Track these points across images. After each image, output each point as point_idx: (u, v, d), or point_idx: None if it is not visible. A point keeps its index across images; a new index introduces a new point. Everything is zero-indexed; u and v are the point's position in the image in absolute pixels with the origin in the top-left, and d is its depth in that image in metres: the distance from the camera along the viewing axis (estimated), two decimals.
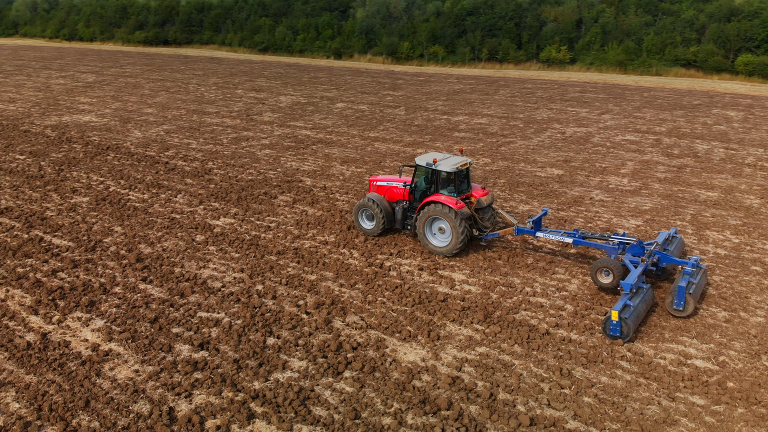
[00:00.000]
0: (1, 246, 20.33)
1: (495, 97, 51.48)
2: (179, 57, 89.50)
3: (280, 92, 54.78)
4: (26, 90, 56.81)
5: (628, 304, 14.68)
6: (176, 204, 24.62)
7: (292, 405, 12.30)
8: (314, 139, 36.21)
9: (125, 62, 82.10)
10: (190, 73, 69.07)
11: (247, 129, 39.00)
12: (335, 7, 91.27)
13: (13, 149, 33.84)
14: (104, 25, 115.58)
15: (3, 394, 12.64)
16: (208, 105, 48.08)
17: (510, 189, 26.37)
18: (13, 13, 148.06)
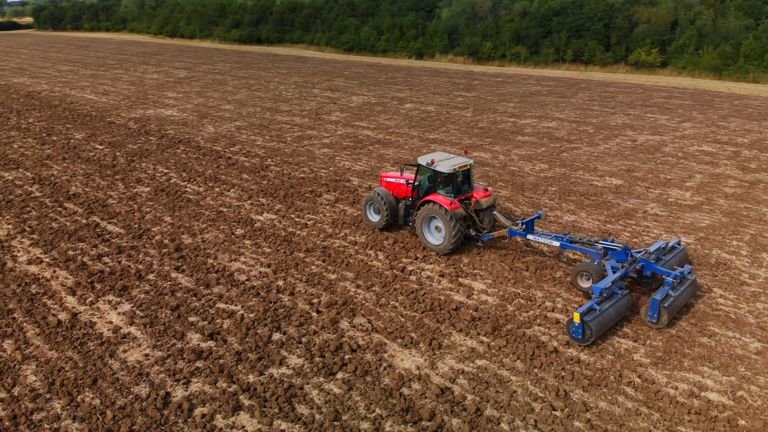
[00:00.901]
0: (61, 230, 22.08)
1: (572, 100, 49.64)
2: (269, 55, 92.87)
3: (354, 92, 55.58)
4: (121, 83, 61.07)
5: (595, 308, 14.59)
6: (227, 198, 25.69)
7: (278, 401, 12.58)
8: (373, 139, 36.52)
9: (218, 59, 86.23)
10: (274, 72, 71.52)
11: (313, 128, 39.92)
12: (421, 7, 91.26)
13: (95, 139, 36.56)
14: (204, 23, 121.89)
15: (25, 366, 13.79)
16: (283, 103, 49.63)
17: (559, 198, 25.41)
18: (122, 9, 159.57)
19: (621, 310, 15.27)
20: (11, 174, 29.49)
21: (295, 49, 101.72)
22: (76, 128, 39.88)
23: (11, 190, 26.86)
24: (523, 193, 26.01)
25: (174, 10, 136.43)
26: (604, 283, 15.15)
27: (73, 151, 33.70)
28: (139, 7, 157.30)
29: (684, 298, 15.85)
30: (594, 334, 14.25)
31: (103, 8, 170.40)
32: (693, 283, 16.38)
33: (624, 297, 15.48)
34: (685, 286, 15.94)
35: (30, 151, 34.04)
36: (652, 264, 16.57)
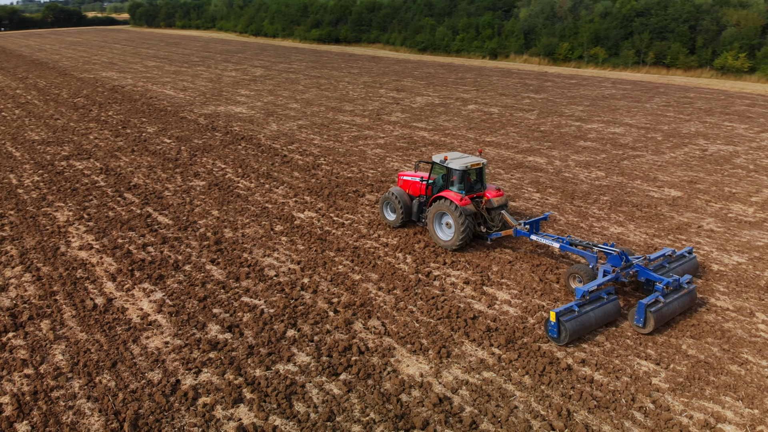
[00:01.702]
0: (115, 218, 23.46)
1: (646, 105, 47.33)
2: (344, 55, 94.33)
3: (420, 92, 55.51)
4: (200, 80, 63.92)
5: (574, 309, 14.65)
6: (274, 194, 26.39)
7: (277, 397, 12.85)
8: (428, 141, 36.36)
9: (295, 58, 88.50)
10: (346, 71, 72.58)
11: (371, 128, 40.25)
12: (499, 7, 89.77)
13: (165, 133, 38.50)
14: (286, 22, 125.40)
15: (56, 345, 14.79)
16: (348, 103, 50.31)
17: (610, 208, 24.34)
18: (212, 8, 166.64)
19: (605, 314, 15.19)
20: (82, 164, 31.59)
21: (370, 49, 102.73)
22: (150, 122, 42.15)
23: (79, 178, 28.79)
24: (572, 202, 25.12)
25: (260, 9, 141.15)
26: (588, 286, 15.24)
27: (143, 144, 35.65)
28: (228, 6, 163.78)
29: (677, 307, 15.54)
30: (569, 335, 14.37)
31: (194, 6, 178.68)
32: (690, 293, 15.96)
33: (610, 302, 15.37)
34: (679, 295, 15.62)
35: (104, 142, 36.32)
36: (647, 270, 16.37)
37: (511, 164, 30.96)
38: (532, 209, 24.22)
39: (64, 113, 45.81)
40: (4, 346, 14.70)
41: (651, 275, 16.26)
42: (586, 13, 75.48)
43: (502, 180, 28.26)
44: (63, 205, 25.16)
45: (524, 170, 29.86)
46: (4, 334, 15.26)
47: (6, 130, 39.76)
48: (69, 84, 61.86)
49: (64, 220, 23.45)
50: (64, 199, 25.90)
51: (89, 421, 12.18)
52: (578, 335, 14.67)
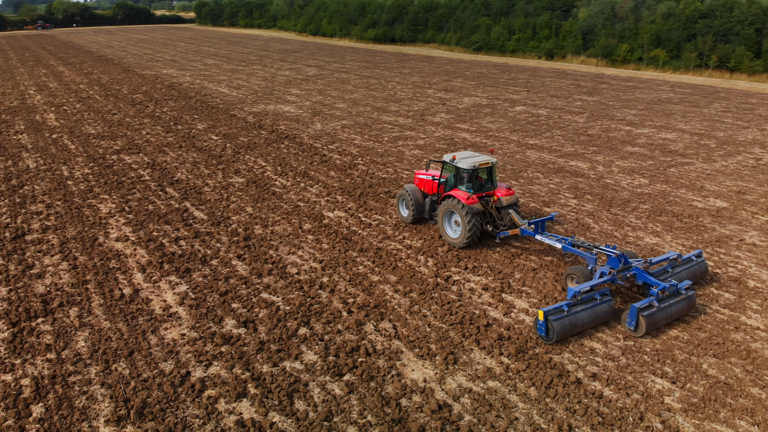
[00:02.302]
0: (154, 212, 24.35)
1: (703, 110, 45.29)
2: (398, 55, 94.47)
3: (468, 93, 54.99)
4: (255, 79, 65.40)
5: (563, 309, 14.73)
6: (308, 193, 26.76)
7: (279, 394, 13.05)
8: (469, 142, 35.99)
9: (349, 58, 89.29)
10: (397, 71, 72.69)
11: (413, 129, 40.18)
12: (558, 6, 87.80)
13: (213, 130, 39.63)
14: (344, 22, 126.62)
15: (80, 332, 15.51)
16: (394, 103, 50.39)
17: (648, 217, 23.45)
18: (273, 7, 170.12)
19: (597, 315, 15.24)
20: (131, 158, 32.91)
21: (425, 49, 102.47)
22: (201, 119, 43.46)
23: (126, 172, 30.03)
24: (609, 209, 24.35)
25: (319, 9, 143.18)
26: (580, 287, 15.26)
27: (191, 141, 36.81)
28: (289, 5, 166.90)
29: (673, 312, 15.43)
30: (557, 335, 14.53)
31: (257, 6, 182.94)
32: (688, 299, 15.79)
33: (604, 303, 15.39)
34: (676, 300, 15.47)
35: (155, 138, 37.72)
36: (644, 273, 16.21)
37: (551, 168, 30.27)
38: (566, 216, 23.63)
39: (122, 108, 47.82)
40: (33, 331, 15.53)
41: (648, 279, 16.08)
42: (648, 14, 72.83)
43: (539, 185, 27.69)
44: (107, 197, 26.31)
45: (564, 175, 29.14)
46: (33, 319, 16.12)
47: (65, 124, 41.87)
48: (130, 80, 64.52)
49: (106, 211, 24.52)
50: (109, 191, 27.07)
51: (99, 407, 12.72)
52: (567, 335, 14.78)
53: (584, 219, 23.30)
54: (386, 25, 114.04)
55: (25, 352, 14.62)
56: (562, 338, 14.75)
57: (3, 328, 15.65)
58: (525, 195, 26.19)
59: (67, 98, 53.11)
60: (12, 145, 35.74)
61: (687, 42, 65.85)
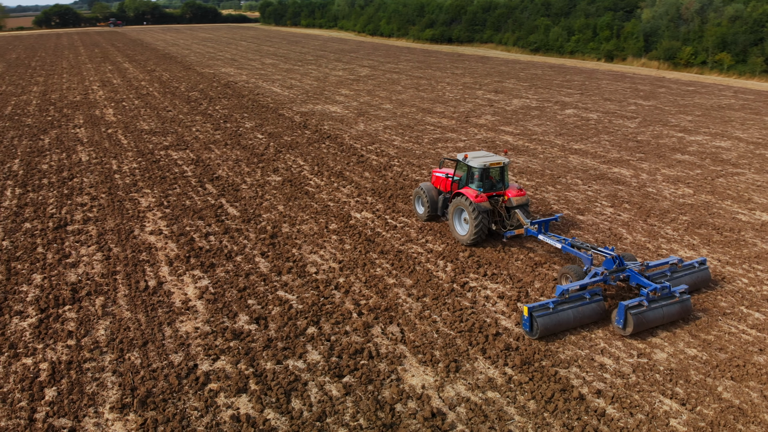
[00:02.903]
0: (190, 207, 25.15)
1: (765, 118, 42.89)
2: (453, 55, 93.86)
3: (519, 95, 54.06)
4: (308, 79, 66.44)
5: (548, 306, 14.98)
6: (339, 193, 27.02)
7: (277, 392, 13.27)
8: (510, 146, 35.41)
9: (403, 58, 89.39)
10: (449, 72, 72.26)
11: (455, 131, 39.87)
12: (621, 7, 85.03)
13: (260, 129, 40.54)
14: (402, 22, 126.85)
15: (102, 321, 16.23)
16: (441, 104, 50.14)
17: (686, 229, 22.45)
18: (335, 7, 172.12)
19: (584, 315, 15.44)
20: (178, 154, 34.10)
21: (481, 49, 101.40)
22: (250, 118, 44.54)
23: (170, 168, 31.14)
24: (646, 220, 23.46)
25: (379, 8, 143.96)
26: (569, 286, 15.51)
27: (236, 139, 37.79)
28: (350, 5, 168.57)
29: (664, 314, 15.42)
30: (541, 331, 14.88)
31: (319, 6, 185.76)
32: (683, 303, 15.74)
33: (593, 303, 15.57)
34: (668, 303, 15.46)
35: (203, 135, 38.93)
36: (638, 275, 16.22)
37: (592, 175, 29.40)
38: (599, 225, 22.93)
39: (177, 105, 49.58)
40: (59, 318, 16.36)
41: (641, 280, 16.07)
42: (714, 16, 69.52)
43: (576, 191, 26.96)
44: (149, 191, 27.36)
45: (605, 182, 28.25)
46: (61, 306, 16.98)
47: (122, 119, 43.78)
48: (189, 78, 66.78)
49: (145, 205, 25.52)
50: (151, 186, 28.15)
51: (108, 394, 13.29)
52: (552, 331, 15.09)
53: (618, 229, 22.54)
54: (444, 25, 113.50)
55: (48, 337, 15.43)
56: (546, 335, 15.07)
57: (32, 314, 16.56)
58: (560, 202, 25.58)
59: (128, 94, 55.50)
60: (69, 139, 37.69)
61: (754, 46, 62.49)
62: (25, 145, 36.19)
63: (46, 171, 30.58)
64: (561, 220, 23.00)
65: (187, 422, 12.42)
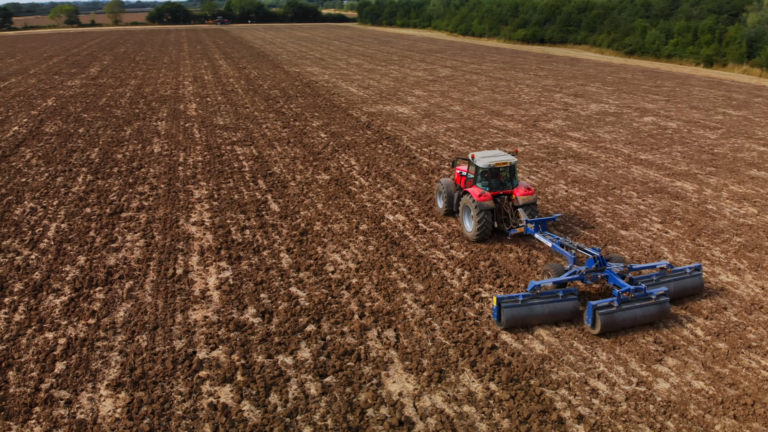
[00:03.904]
0: (237, 201, 26.30)
1: None
2: (542, 56, 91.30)
3: (599, 99, 51.81)
4: (386, 79, 67.09)
5: (518, 299, 15.53)
6: (380, 194, 27.24)
7: (259, 385, 13.72)
8: (572, 153, 34.11)
9: (489, 59, 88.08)
10: (532, 74, 70.44)
11: (518, 135, 38.92)
12: (725, 10, 79.14)
13: (325, 128, 41.50)
14: (494, 21, 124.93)
15: (124, 304, 17.41)
16: (513, 107, 49.06)
17: (737, 252, 20.74)
18: (430, 7, 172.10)
19: (554, 311, 15.78)
20: (242, 149, 35.65)
21: (574, 51, 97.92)
22: (319, 117, 45.67)
23: (231, 162, 32.65)
24: (695, 240, 21.92)
25: (474, 8, 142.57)
26: (542, 282, 16.08)
27: (300, 137, 38.93)
28: (445, 5, 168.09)
29: (637, 315, 15.51)
30: (506, 322, 15.51)
31: (414, 6, 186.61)
32: (659, 306, 15.72)
33: (566, 301, 15.84)
34: (642, 304, 15.53)
35: (271, 132, 40.42)
36: (615, 276, 16.39)
37: (651, 188, 27.77)
38: (641, 241, 21.69)
39: (255, 103, 51.74)
40: (88, 298, 17.74)
41: (617, 281, 16.25)
42: None
43: (627, 204, 25.60)
44: (205, 184, 28.86)
45: (662, 196, 26.62)
46: (94, 287, 18.39)
47: (202, 114, 46.31)
48: (275, 76, 69.38)
49: (197, 197, 26.96)
50: (208, 179, 29.67)
51: (109, 372, 14.30)
52: (519, 324, 15.70)
53: (659, 247, 21.22)
54: (537, 25, 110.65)
55: (74, 315, 16.78)
56: (512, 326, 15.71)
57: (66, 293, 18.06)
58: (605, 215, 24.42)
59: (214, 90, 58.53)
60: (149, 131, 40.40)
61: None
62: (108, 135, 39.21)
63: (119, 160, 33.01)
64: (593, 233, 21.99)
65: (169, 405, 13.13)
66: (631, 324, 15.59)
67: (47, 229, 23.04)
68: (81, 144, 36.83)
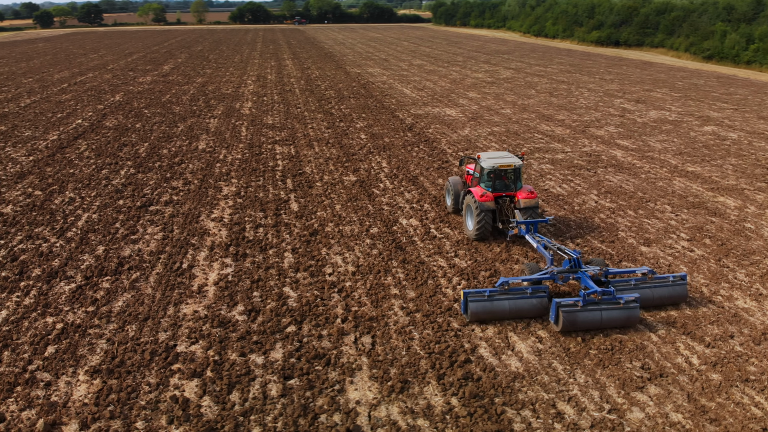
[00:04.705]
0: (261, 199, 26.89)
1: None
2: (613, 59, 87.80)
3: (661, 106, 49.27)
4: (443, 81, 66.56)
5: (485, 294, 16.07)
6: (400, 198, 27.08)
7: (223, 382, 13.98)
8: (616, 161, 32.62)
9: (557, 61, 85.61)
10: (598, 77, 67.89)
11: (564, 141, 37.63)
12: None
13: (368, 129, 41.68)
14: (568, 23, 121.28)
15: (125, 294, 18.20)
16: (566, 111, 47.50)
17: (763, 276, 19.18)
18: (505, 7, 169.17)
19: (521, 308, 16.17)
20: (282, 148, 36.39)
21: (648, 54, 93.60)
22: (366, 118, 45.87)
23: (266, 161, 33.40)
24: (720, 260, 20.47)
25: (549, 9, 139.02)
26: (511, 279, 16.67)
27: (340, 138, 39.27)
28: (521, 5, 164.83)
29: (603, 318, 15.61)
30: (472, 316, 16.08)
31: (490, 6, 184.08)
32: (627, 311, 15.69)
33: (533, 298, 16.19)
34: (609, 307, 15.62)
35: (314, 132, 41.02)
36: (587, 279, 16.54)
37: (689, 202, 26.15)
38: (659, 259, 20.48)
39: (308, 103, 52.65)
40: (94, 286, 18.68)
41: (587, 283, 16.38)
42: None
43: (656, 219, 24.24)
44: (236, 181, 29.69)
45: (698, 212, 25.03)
46: (102, 276, 19.34)
47: (254, 113, 47.63)
48: (335, 77, 70.32)
49: (225, 193, 27.79)
50: (240, 176, 30.49)
51: (92, 358, 15.01)
52: (485, 317, 16.17)
53: (678, 266, 19.95)
54: (612, 27, 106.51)
55: (77, 303, 17.72)
56: (477, 320, 16.19)
57: (77, 280, 19.09)
58: (631, 228, 23.22)
59: (272, 90, 60.05)
60: (199, 128, 41.98)
61: None
62: (161, 130, 41.07)
63: (163, 155, 34.51)
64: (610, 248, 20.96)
65: (135, 395, 13.63)
66: (596, 326, 15.72)
67: (78, 219, 24.42)
68: (134, 138, 38.77)
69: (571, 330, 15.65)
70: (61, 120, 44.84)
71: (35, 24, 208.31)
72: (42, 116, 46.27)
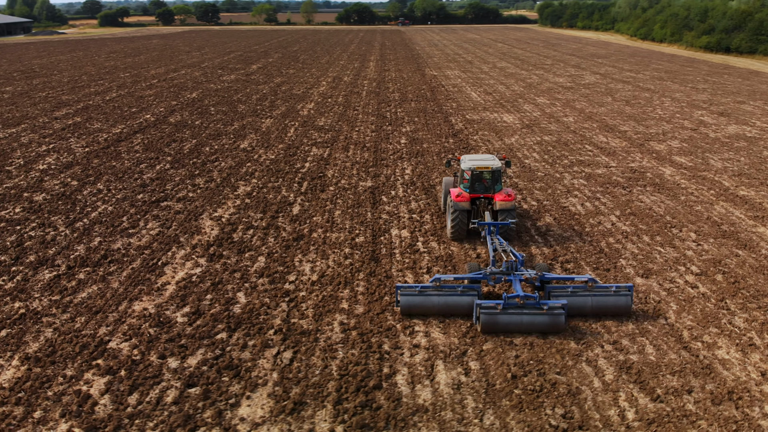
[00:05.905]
0: (266, 201, 27.20)
1: None
2: (717, 66, 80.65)
3: (745, 120, 44.54)
4: (517, 85, 64.22)
5: (416, 289, 16.86)
6: (404, 207, 26.31)
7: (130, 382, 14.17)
8: (658, 180, 29.82)
9: (653, 67, 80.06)
10: (690, 86, 62.66)
11: (613, 155, 34.99)
12: None
13: (412, 134, 41.01)
14: (677, 27, 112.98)
15: (93, 286, 19.02)
16: (634, 122, 44.21)
17: (765, 324, 16.72)
18: (615, 9, 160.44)
19: (449, 305, 16.70)
20: (318, 150, 36.62)
21: (759, 63, 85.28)
22: (415, 122, 45.15)
23: (294, 163, 33.72)
24: (722, 299, 18.06)
25: (661, 11, 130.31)
26: (443, 276, 17.33)
27: (379, 142, 38.89)
28: (632, 7, 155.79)
29: (524, 322, 15.91)
30: (402, 308, 16.85)
31: (599, 7, 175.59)
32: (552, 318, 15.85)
33: (463, 296, 16.70)
34: (529, 312, 15.87)
35: (359, 135, 40.88)
36: (517, 282, 16.97)
37: (721, 230, 23.36)
38: (650, 294, 18.41)
39: (368, 105, 52.71)
40: (72, 276, 19.67)
41: (515, 287, 16.82)
42: None
43: (672, 247, 21.85)
44: (256, 181, 30.25)
45: (726, 242, 22.30)
46: (83, 267, 20.31)
47: (311, 114, 48.32)
48: (409, 79, 69.94)
49: (238, 193, 28.40)
50: (261, 177, 31.05)
51: (32, 345, 15.77)
52: (414, 311, 16.83)
53: (669, 303, 17.81)
54: (723, 32, 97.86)
55: (47, 290, 18.75)
56: (408, 313, 16.84)
57: (60, 269, 20.22)
58: (636, 257, 21.08)
59: (341, 92, 60.67)
60: (251, 127, 43.27)
61: None
62: (215, 128, 42.78)
63: (203, 152, 35.89)
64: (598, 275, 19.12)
65: (48, 385, 14.17)
66: (517, 329, 15.96)
67: (94, 210, 25.93)
68: (186, 135, 40.66)
69: (492, 332, 15.95)
70: (133, 114, 47.97)
71: (157, 21, 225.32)
72: (118, 110, 49.74)
